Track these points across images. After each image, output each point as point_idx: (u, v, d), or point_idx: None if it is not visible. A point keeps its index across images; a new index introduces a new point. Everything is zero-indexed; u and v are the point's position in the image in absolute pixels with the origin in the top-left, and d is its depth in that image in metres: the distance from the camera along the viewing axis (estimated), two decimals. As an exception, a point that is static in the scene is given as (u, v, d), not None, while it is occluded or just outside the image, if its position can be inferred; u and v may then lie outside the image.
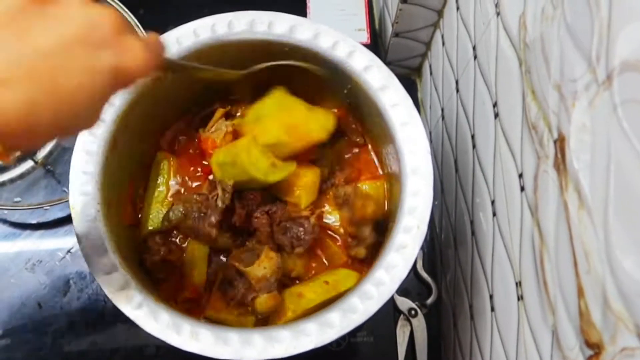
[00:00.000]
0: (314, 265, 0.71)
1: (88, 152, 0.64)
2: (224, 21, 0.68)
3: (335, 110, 0.76)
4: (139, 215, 0.73)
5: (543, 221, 0.52)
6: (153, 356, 0.80)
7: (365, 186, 0.72)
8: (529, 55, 0.54)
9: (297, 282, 0.70)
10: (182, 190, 0.73)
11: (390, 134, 0.67)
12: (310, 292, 0.65)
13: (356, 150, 0.76)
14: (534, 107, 0.53)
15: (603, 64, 0.40)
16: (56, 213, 0.85)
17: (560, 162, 0.47)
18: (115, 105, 0.66)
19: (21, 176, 0.84)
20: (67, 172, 0.64)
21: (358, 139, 0.76)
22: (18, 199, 0.82)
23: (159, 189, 0.73)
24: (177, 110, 0.76)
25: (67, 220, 0.86)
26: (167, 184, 0.73)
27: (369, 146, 0.76)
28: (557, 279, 0.49)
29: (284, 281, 0.69)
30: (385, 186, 0.73)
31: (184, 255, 0.70)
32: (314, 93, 0.74)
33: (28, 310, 0.82)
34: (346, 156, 0.76)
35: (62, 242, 0.85)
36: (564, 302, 0.47)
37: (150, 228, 0.71)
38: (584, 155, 0.44)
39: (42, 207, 0.81)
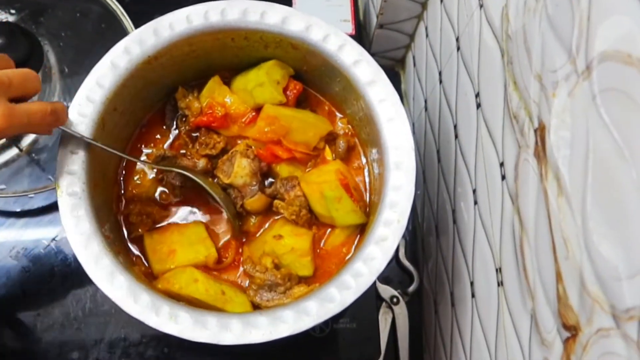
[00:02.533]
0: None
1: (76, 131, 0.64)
2: (217, 9, 0.69)
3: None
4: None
5: (523, 209, 0.53)
6: (137, 344, 0.80)
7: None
8: (511, 47, 0.56)
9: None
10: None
11: (376, 128, 0.68)
12: (204, 286, 0.66)
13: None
14: (515, 97, 0.54)
15: (582, 55, 0.42)
16: (41, 201, 0.85)
17: (541, 151, 0.49)
18: (104, 87, 0.66)
19: (5, 164, 0.83)
20: (52, 160, 0.64)
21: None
22: (2, 186, 0.81)
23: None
24: (166, 92, 0.76)
25: (51, 208, 0.86)
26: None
27: (356, 139, 0.77)
28: (536, 264, 0.50)
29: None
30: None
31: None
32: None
33: (12, 298, 0.82)
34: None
35: (47, 230, 0.85)
36: (542, 286, 0.49)
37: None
38: (563, 143, 0.45)
39: (26, 195, 0.81)
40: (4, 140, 0.83)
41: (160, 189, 0.74)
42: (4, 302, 0.82)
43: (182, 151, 0.75)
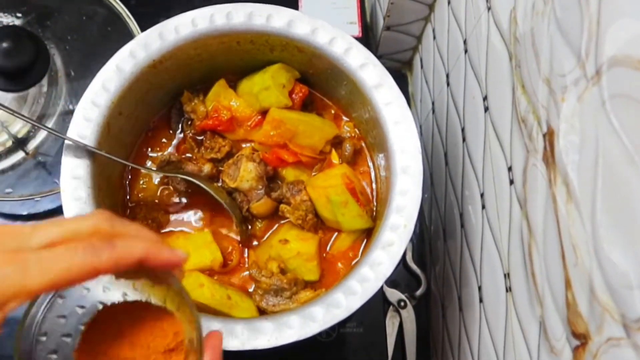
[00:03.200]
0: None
1: (81, 135, 0.64)
2: (222, 12, 0.69)
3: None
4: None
5: (532, 214, 0.52)
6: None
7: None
8: (519, 50, 0.55)
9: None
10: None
11: (383, 132, 0.67)
12: (210, 291, 0.65)
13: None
14: (523, 100, 0.54)
15: (592, 60, 0.41)
16: (47, 204, 0.85)
17: (549, 156, 0.48)
18: (110, 91, 0.66)
19: (12, 167, 0.83)
20: (58, 164, 0.64)
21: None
22: (9, 190, 0.82)
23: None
24: (171, 96, 0.76)
25: (58, 211, 0.85)
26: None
27: (362, 143, 0.77)
28: (545, 270, 0.49)
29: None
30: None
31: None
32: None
33: (18, 302, 0.82)
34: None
35: (53, 233, 0.85)
36: (551, 293, 0.48)
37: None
38: (572, 149, 0.45)
39: (33, 199, 0.81)
40: (10, 143, 0.83)
41: (165, 193, 0.74)
42: (11, 305, 0.82)
43: (188, 155, 0.75)
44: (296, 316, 0.59)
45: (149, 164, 0.75)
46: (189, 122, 0.75)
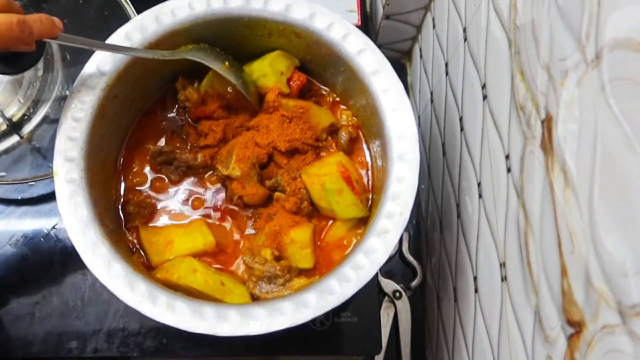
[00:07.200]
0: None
1: (75, 118, 0.63)
2: None
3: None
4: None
5: (528, 202, 0.52)
6: (136, 334, 0.79)
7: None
8: (519, 37, 0.54)
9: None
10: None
11: (380, 119, 0.66)
12: (203, 277, 0.64)
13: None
14: (522, 87, 0.53)
15: (592, 43, 0.40)
16: (41, 189, 0.84)
17: (547, 142, 0.48)
18: (105, 74, 0.65)
19: (6, 151, 0.82)
20: (52, 148, 0.63)
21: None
22: (3, 173, 0.81)
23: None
24: (167, 80, 0.75)
25: (52, 196, 0.85)
26: None
27: (359, 131, 0.76)
28: (541, 259, 0.49)
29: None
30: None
31: None
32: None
33: (11, 286, 0.81)
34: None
35: (47, 218, 0.84)
36: (547, 282, 0.47)
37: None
38: (570, 135, 0.44)
39: (27, 183, 0.80)
40: (5, 127, 0.82)
41: (157, 184, 0.74)
42: (3, 290, 0.81)
43: (183, 136, 0.75)
44: (289, 303, 0.59)
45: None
46: (185, 108, 0.75)
